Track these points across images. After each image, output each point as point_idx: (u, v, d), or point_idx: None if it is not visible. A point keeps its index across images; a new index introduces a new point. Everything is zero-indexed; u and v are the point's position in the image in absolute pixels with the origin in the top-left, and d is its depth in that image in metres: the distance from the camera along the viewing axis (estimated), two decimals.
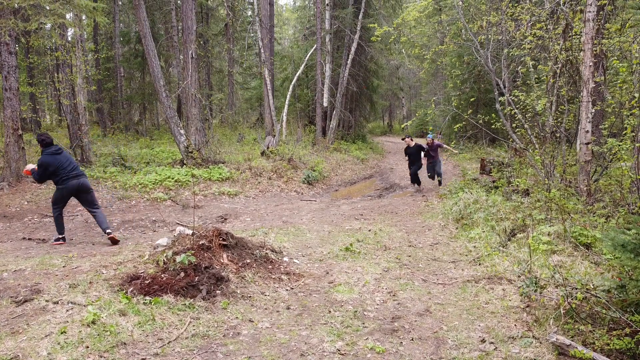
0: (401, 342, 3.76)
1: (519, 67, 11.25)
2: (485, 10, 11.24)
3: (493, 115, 10.16)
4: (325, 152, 18.44)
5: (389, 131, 39.91)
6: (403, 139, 13.06)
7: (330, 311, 4.35)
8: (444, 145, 13.40)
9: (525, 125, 9.16)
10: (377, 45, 21.49)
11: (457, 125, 12.23)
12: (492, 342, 3.72)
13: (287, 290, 4.88)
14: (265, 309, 4.37)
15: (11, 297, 4.17)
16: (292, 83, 20.69)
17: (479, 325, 4.06)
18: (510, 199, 8.18)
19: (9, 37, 10.73)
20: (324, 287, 5.01)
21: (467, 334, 3.91)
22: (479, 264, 5.73)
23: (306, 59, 21.27)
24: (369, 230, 7.63)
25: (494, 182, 10.06)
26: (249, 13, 28.36)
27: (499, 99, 10.13)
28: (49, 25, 14.29)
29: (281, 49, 32.59)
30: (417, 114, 19.07)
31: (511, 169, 10.09)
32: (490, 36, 10.57)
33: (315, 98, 21.25)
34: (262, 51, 18.41)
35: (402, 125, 25.06)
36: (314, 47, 20.82)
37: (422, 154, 12.44)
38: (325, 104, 20.93)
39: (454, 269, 5.72)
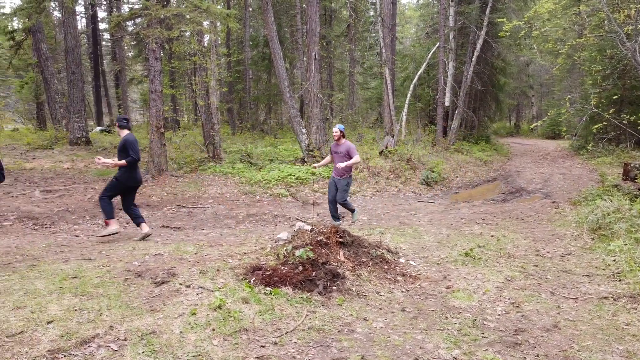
0: (524, 357, 3.50)
1: None
2: None
3: None
4: (445, 152, 17.89)
5: (515, 132, 37.70)
6: None
7: (447, 317, 4.20)
8: (354, 156, 7.54)
9: None
10: (505, 41, 20.30)
11: (596, 126, 11.10)
12: None
13: (402, 291, 4.81)
14: (380, 308, 4.35)
15: (151, 278, 4.64)
16: (413, 82, 20.37)
17: (617, 348, 3.64)
18: None
19: (155, 44, 11.93)
20: (440, 291, 4.86)
21: (603, 356, 3.53)
22: (619, 280, 5.15)
23: (428, 57, 20.79)
24: (491, 236, 7.24)
25: (639, 189, 9.00)
26: (371, 13, 28.46)
27: None
28: (188, 33, 15.64)
29: (402, 48, 32.26)
30: (548, 114, 17.61)
31: None
32: (639, 27, 9.44)
33: (437, 97, 20.70)
34: (383, 50, 18.37)
35: (532, 126, 23.37)
36: (436, 45, 20.30)
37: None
38: (447, 104, 20.31)
39: (588, 283, 5.20)
